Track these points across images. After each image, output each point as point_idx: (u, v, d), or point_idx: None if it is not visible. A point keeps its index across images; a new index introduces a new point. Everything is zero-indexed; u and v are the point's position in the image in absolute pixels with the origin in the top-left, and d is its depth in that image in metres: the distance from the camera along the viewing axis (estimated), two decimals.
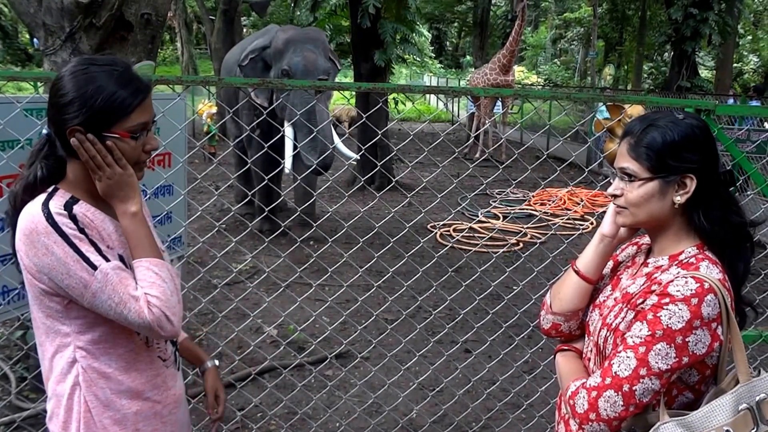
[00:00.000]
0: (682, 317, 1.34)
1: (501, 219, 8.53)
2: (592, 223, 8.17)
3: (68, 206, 1.43)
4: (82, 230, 1.41)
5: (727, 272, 1.45)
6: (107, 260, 1.41)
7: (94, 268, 1.39)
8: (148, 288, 1.42)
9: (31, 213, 1.41)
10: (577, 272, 1.64)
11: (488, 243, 7.03)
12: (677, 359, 1.35)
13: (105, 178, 1.44)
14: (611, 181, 1.58)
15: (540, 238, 7.56)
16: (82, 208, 1.45)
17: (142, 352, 1.55)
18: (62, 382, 1.50)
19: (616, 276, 1.64)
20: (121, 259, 1.48)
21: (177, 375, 1.68)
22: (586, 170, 3.39)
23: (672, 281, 1.39)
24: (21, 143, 2.58)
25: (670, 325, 1.34)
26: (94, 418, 1.50)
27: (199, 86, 2.87)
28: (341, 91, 3.05)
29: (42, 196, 1.45)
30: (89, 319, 1.47)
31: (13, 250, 1.49)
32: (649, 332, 1.36)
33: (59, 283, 1.40)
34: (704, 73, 25.23)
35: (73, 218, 1.41)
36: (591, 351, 1.58)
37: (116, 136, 1.44)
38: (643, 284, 1.48)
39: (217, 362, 1.95)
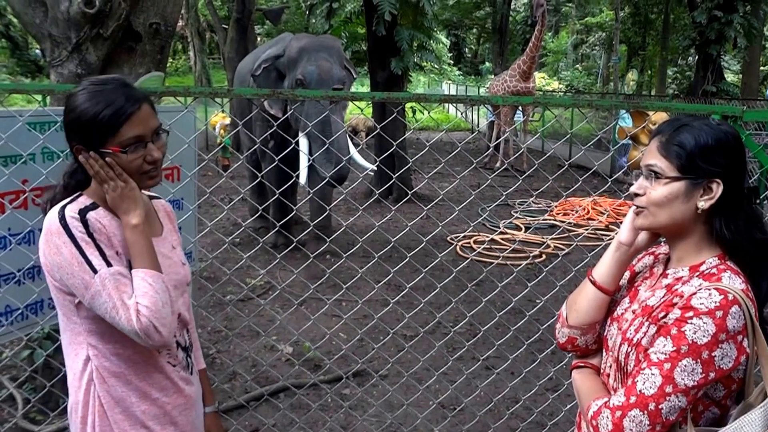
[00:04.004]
0: (708, 331, 1.30)
1: (523, 230, 8.34)
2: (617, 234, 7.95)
3: (82, 211, 1.52)
4: (90, 234, 1.50)
5: (750, 283, 1.40)
6: (109, 265, 1.49)
7: (95, 271, 1.47)
8: (140, 297, 1.48)
9: (50, 215, 1.53)
10: (593, 283, 1.59)
11: (510, 255, 6.86)
12: (704, 375, 1.30)
13: (110, 191, 1.53)
14: (633, 182, 1.51)
15: (563, 250, 7.37)
16: (98, 215, 1.54)
17: (150, 356, 1.61)
18: (80, 378, 1.59)
19: (633, 287, 1.59)
20: (131, 265, 1.55)
21: (190, 378, 1.73)
22: (609, 180, 3.23)
23: (695, 294, 1.35)
24: (23, 158, 2.51)
25: (695, 340, 1.30)
26: (107, 413, 1.58)
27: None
28: (354, 102, 2.93)
29: (65, 201, 1.56)
30: (97, 319, 1.54)
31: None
32: (674, 348, 1.31)
33: (66, 282, 1.50)
34: (730, 77, 24.79)
35: (83, 222, 1.50)
36: (610, 367, 1.53)
37: (110, 152, 1.52)
38: (663, 296, 1.43)
39: (218, 406, 1.95)
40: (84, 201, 1.57)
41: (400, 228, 7.48)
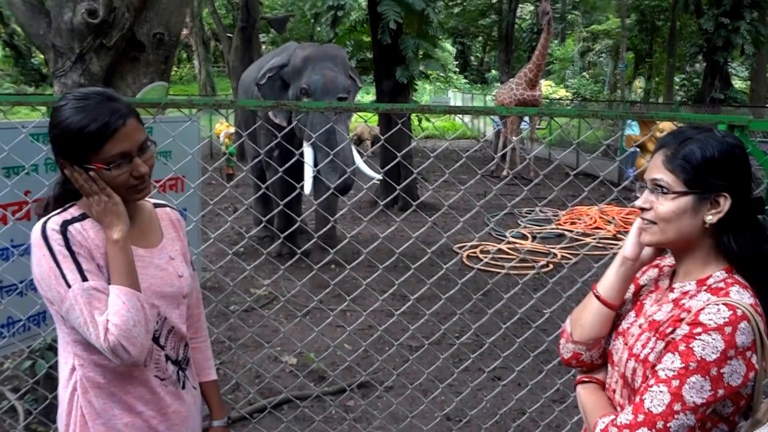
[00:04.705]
0: (717, 347, 1.28)
1: (530, 240, 8.29)
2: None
3: (65, 224, 1.51)
4: (69, 248, 1.48)
5: (758, 297, 1.38)
6: (84, 279, 1.47)
7: (69, 286, 1.47)
8: (112, 315, 1.47)
9: (35, 227, 1.53)
10: (598, 297, 1.56)
11: (516, 265, 6.80)
12: (713, 392, 1.28)
13: (95, 204, 1.52)
14: (638, 195, 1.49)
15: (570, 260, 7.31)
16: (83, 227, 1.52)
17: (135, 369, 1.58)
18: (66, 387, 1.60)
19: (638, 301, 1.57)
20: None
21: (181, 394, 1.69)
22: (615, 191, 3.18)
23: (703, 309, 1.32)
24: (26, 169, 2.50)
25: (704, 357, 1.28)
26: (88, 423, 1.58)
27: None
28: (359, 113, 2.91)
29: (55, 212, 1.56)
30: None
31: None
32: (682, 364, 1.29)
33: (46, 293, 1.51)
34: (738, 83, 24.67)
35: (63, 235, 1.49)
36: (617, 382, 1.51)
37: (93, 167, 1.50)
38: (670, 311, 1.41)
39: (228, 420, 1.90)
40: (73, 212, 1.57)
41: (406, 237, 7.43)
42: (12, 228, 2.50)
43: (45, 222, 1.52)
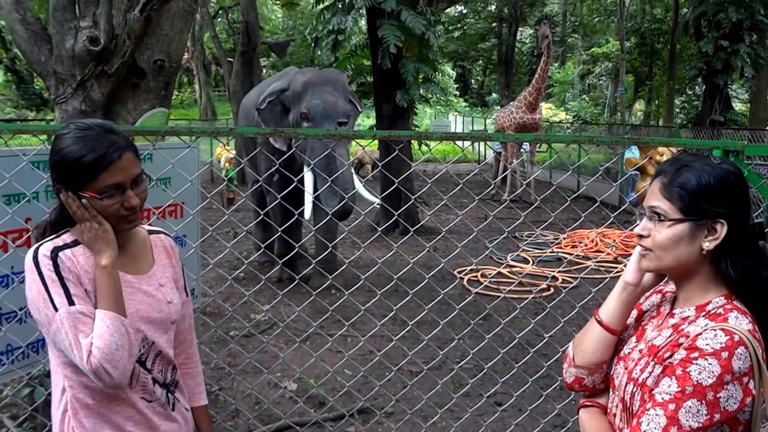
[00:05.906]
0: (713, 372, 1.29)
1: (531, 263, 8.26)
2: (625, 266, 7.83)
3: (56, 250, 1.56)
4: (58, 273, 1.53)
5: (757, 323, 1.39)
6: (71, 303, 1.52)
7: (56, 309, 1.51)
8: (96, 338, 1.50)
9: (28, 252, 1.58)
10: (599, 322, 1.58)
11: (516, 289, 6.78)
12: (708, 416, 1.28)
13: (86, 231, 1.58)
14: (638, 221, 1.51)
15: (570, 284, 7.28)
16: (74, 252, 1.58)
17: (120, 391, 1.62)
18: (58, 408, 1.63)
19: (640, 326, 1.58)
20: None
21: (171, 415, 1.72)
22: (612, 216, 3.20)
23: (700, 334, 1.34)
24: (27, 197, 2.50)
25: (700, 381, 1.29)
26: None
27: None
28: (356, 140, 2.93)
29: (48, 238, 1.61)
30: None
31: None
32: (679, 388, 1.30)
33: (37, 316, 1.55)
34: (739, 106, 24.75)
35: (53, 260, 1.54)
36: (617, 407, 1.51)
37: (86, 195, 1.56)
38: (669, 336, 1.43)
39: None
40: (66, 238, 1.62)
41: (405, 262, 7.42)
42: (12, 255, 2.50)
43: (37, 248, 1.57)
